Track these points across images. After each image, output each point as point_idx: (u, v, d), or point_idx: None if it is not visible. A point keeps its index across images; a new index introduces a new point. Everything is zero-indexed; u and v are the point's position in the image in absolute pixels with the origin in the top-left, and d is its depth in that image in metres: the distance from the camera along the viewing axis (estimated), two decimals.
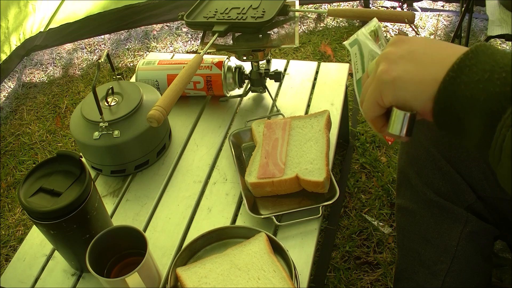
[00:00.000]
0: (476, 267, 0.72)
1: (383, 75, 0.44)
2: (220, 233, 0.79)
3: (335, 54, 1.81)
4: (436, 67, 0.40)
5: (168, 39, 2.07)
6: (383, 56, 0.45)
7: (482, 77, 0.37)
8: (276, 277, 0.69)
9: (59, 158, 0.73)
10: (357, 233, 1.18)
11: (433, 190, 0.71)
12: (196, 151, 0.99)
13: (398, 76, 0.43)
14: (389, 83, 0.43)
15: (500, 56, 0.38)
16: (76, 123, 0.92)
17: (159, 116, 0.71)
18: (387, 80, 0.44)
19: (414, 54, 0.43)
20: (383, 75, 0.44)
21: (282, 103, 1.07)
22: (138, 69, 1.08)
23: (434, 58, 0.41)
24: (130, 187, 0.93)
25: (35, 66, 2.05)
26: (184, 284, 0.71)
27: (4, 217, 1.38)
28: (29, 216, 0.69)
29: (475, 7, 1.60)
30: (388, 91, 0.44)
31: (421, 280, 0.73)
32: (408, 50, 0.44)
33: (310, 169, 0.83)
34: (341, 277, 1.09)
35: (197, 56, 0.83)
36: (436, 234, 0.72)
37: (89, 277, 0.80)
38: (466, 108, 0.38)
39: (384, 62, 0.45)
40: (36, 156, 1.58)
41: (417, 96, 0.41)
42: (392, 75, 0.43)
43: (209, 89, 1.06)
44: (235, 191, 0.89)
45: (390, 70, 0.44)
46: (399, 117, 0.44)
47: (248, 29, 0.95)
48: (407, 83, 0.42)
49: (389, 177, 1.29)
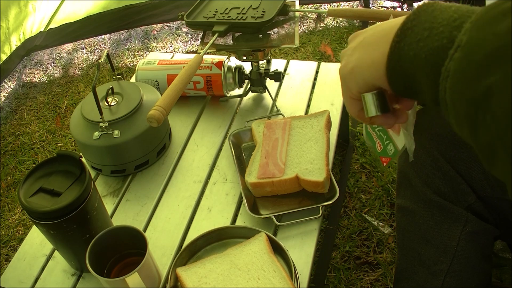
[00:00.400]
0: (476, 267, 0.72)
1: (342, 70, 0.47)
2: (220, 233, 0.79)
3: (335, 54, 1.81)
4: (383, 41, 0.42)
5: (168, 39, 2.07)
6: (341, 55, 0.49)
7: (422, 36, 0.38)
8: (276, 277, 0.69)
9: (59, 158, 0.73)
10: (357, 233, 1.18)
11: (433, 190, 0.71)
12: (196, 151, 0.99)
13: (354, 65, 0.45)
14: (348, 74, 0.46)
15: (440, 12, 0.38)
16: (76, 123, 0.92)
17: (159, 116, 0.71)
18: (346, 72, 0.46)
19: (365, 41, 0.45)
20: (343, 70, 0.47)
21: (282, 103, 1.07)
22: (138, 69, 1.08)
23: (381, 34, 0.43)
24: (130, 187, 0.93)
25: (35, 66, 2.05)
26: (184, 284, 0.71)
27: (4, 217, 1.38)
28: (29, 216, 0.69)
29: None
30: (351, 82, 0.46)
31: (421, 280, 0.73)
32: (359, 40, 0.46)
33: (310, 169, 0.83)
34: (341, 277, 1.09)
35: (197, 56, 0.83)
36: (436, 234, 0.72)
37: (89, 277, 0.80)
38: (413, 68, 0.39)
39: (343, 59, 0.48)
40: (36, 156, 1.58)
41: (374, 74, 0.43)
42: (349, 67, 0.46)
43: (209, 89, 1.06)
44: (235, 191, 0.89)
45: (347, 63, 0.47)
46: (368, 99, 0.46)
47: (248, 29, 0.95)
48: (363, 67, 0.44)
49: (389, 177, 1.29)
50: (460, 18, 0.36)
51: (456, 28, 0.36)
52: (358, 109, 0.49)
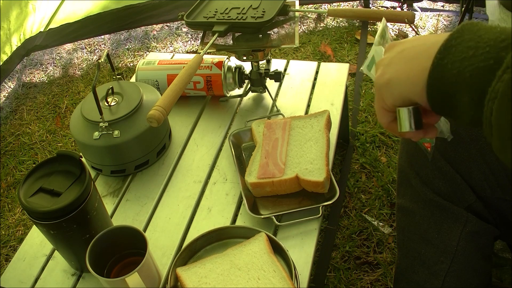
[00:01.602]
0: (476, 267, 0.72)
1: (378, 80, 0.46)
2: (220, 233, 0.79)
3: (335, 54, 1.81)
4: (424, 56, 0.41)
5: (168, 39, 2.07)
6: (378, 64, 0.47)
7: (467, 54, 0.38)
8: (276, 277, 0.69)
9: (59, 158, 0.73)
10: (357, 233, 1.18)
11: (433, 190, 0.72)
12: (196, 151, 0.99)
13: (391, 77, 0.44)
14: (384, 86, 0.45)
15: (485, 31, 0.38)
16: (76, 123, 0.92)
17: (159, 116, 0.71)
18: (382, 83, 0.45)
19: (403, 53, 0.45)
20: (378, 80, 0.46)
21: (282, 103, 1.07)
22: (138, 69, 1.08)
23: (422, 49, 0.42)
24: (130, 187, 0.93)
25: (35, 66, 2.05)
26: (184, 284, 0.71)
27: (4, 217, 1.38)
28: (29, 216, 0.69)
29: (475, 7, 1.59)
30: (387, 94, 0.45)
31: (421, 280, 0.73)
32: (398, 51, 0.45)
33: (310, 169, 0.83)
34: (341, 277, 1.09)
35: (197, 56, 0.83)
36: (436, 234, 0.72)
37: (89, 277, 0.80)
38: (455, 86, 0.38)
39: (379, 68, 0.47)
40: (36, 156, 1.58)
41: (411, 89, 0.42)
42: (386, 78, 0.45)
43: (209, 89, 1.06)
44: (235, 191, 0.89)
45: (383, 73, 0.45)
46: (403, 114, 0.45)
47: (248, 29, 0.95)
48: (400, 80, 0.43)
49: (389, 177, 1.29)
50: (508, 39, 0.36)
51: (504, 49, 0.36)
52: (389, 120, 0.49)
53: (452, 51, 0.39)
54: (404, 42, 0.46)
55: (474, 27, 0.39)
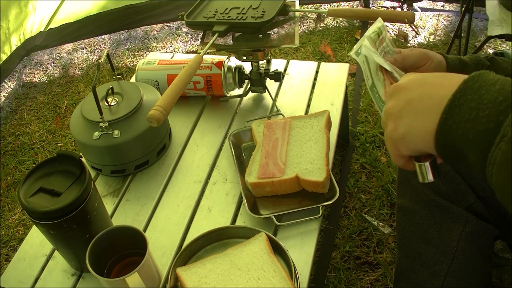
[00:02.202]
0: (476, 267, 0.72)
1: (392, 134, 0.47)
2: (220, 233, 0.79)
3: (335, 54, 1.81)
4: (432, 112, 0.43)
5: (168, 39, 2.07)
6: (387, 114, 0.49)
7: (469, 116, 0.39)
8: (276, 277, 0.69)
9: (59, 158, 0.73)
10: (357, 233, 1.18)
11: (433, 190, 0.72)
12: (196, 151, 0.99)
13: (405, 131, 0.46)
14: (399, 140, 0.47)
15: (485, 91, 0.39)
16: (76, 123, 0.92)
17: (159, 116, 0.71)
18: (397, 138, 0.47)
19: (412, 104, 0.46)
20: (392, 134, 0.47)
21: (282, 103, 1.07)
22: (138, 69, 1.08)
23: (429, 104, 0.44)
24: (130, 187, 0.93)
25: (35, 66, 2.05)
26: (184, 284, 0.71)
27: (4, 217, 1.38)
28: (29, 216, 0.69)
29: (475, 7, 1.59)
30: (402, 147, 0.47)
31: (421, 280, 0.73)
32: (405, 100, 0.46)
33: (310, 169, 0.83)
34: (341, 277, 1.09)
35: (197, 56, 0.83)
36: (436, 234, 0.72)
37: (89, 277, 0.80)
38: (461, 144, 0.40)
39: (390, 120, 0.48)
40: (36, 156, 1.58)
41: (426, 144, 0.44)
42: (400, 132, 0.46)
43: (209, 89, 1.06)
44: (235, 191, 0.89)
45: (397, 127, 0.47)
46: (423, 168, 0.48)
47: (248, 29, 0.95)
48: (414, 136, 0.45)
49: (389, 177, 1.29)
50: (506, 101, 0.37)
51: (502, 113, 0.37)
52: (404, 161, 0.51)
53: (456, 112, 0.40)
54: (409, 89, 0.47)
55: (475, 83, 0.40)
